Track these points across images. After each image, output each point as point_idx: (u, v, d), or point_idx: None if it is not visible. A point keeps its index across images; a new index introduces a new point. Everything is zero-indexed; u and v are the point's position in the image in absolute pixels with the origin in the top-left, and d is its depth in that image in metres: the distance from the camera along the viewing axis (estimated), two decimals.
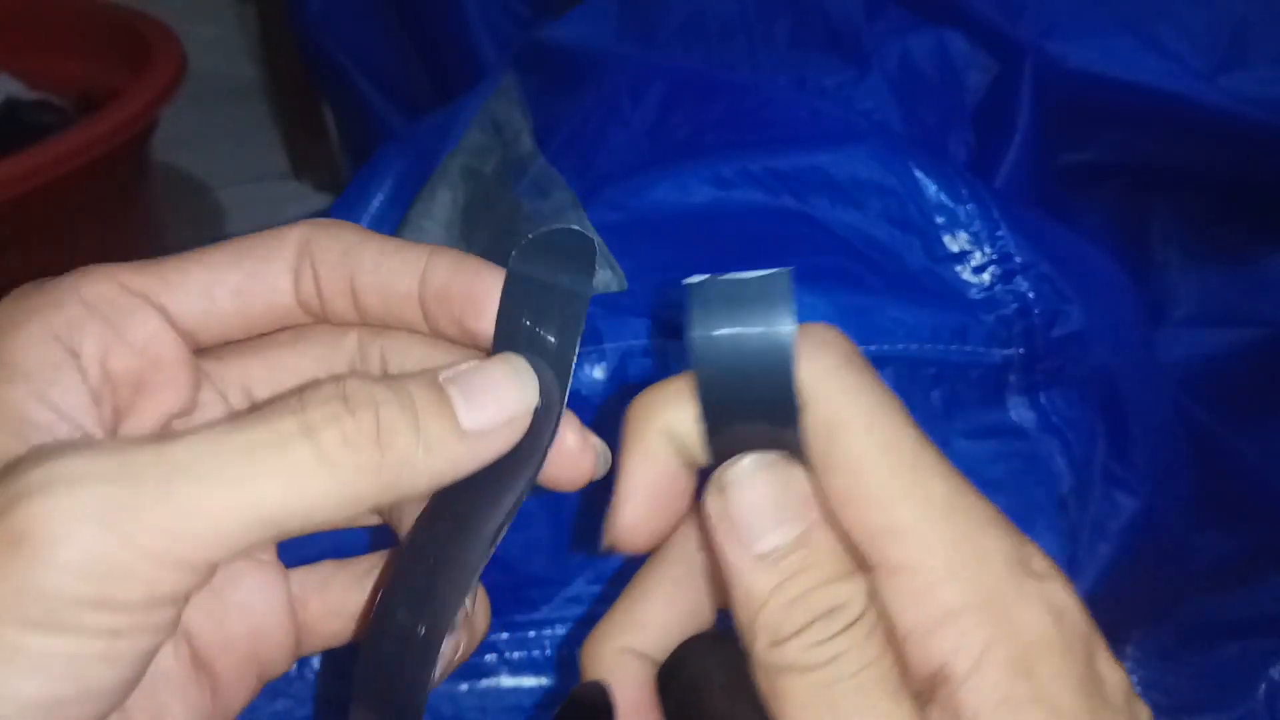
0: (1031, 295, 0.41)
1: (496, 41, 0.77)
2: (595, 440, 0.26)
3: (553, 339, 0.25)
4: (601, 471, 0.26)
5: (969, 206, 0.41)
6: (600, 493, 0.41)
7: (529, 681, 0.40)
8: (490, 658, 0.40)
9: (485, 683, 0.40)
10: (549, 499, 0.40)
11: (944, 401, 0.40)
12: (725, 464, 0.23)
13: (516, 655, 0.40)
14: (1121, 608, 0.48)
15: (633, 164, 0.48)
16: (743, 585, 0.22)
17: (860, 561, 0.22)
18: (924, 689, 0.22)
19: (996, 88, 0.49)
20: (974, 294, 0.41)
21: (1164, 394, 0.48)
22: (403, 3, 0.83)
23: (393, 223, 0.55)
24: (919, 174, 0.42)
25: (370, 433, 0.21)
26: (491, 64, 0.75)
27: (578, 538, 0.40)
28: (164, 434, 0.21)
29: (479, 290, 0.25)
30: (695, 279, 0.22)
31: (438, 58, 0.82)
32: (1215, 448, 0.52)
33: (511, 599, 0.40)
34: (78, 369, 0.23)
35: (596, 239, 0.44)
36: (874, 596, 0.22)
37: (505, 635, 0.40)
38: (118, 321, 0.24)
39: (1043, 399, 0.41)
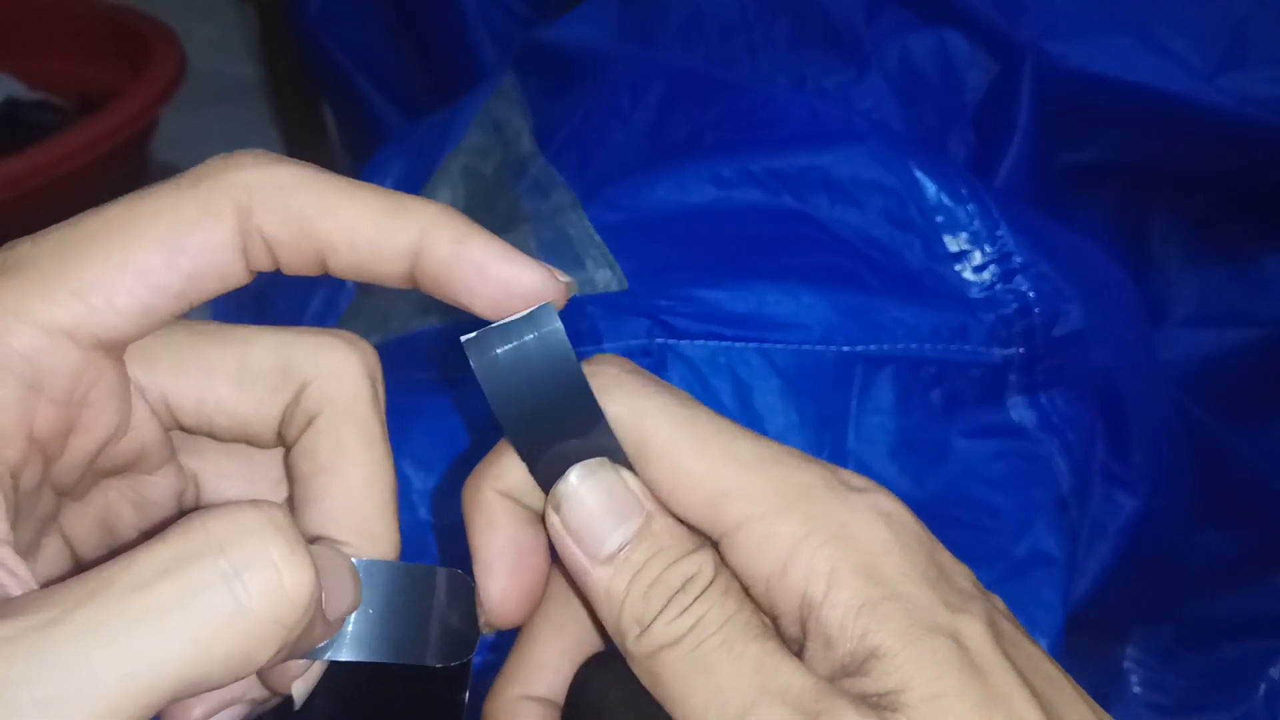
0: (1032, 295, 0.41)
1: (496, 41, 0.77)
2: None
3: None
4: None
5: (969, 206, 0.41)
6: None
7: None
8: (491, 657, 0.40)
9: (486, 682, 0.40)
10: None
11: (944, 401, 0.40)
12: (555, 482, 0.23)
13: None
14: (1121, 608, 0.48)
15: (633, 164, 0.48)
16: (600, 590, 0.23)
17: (702, 540, 0.23)
18: (799, 625, 0.22)
19: (996, 88, 0.49)
20: (974, 293, 0.41)
21: (1164, 394, 0.48)
22: (403, 3, 0.83)
23: None
24: (919, 174, 0.42)
25: (306, 572, 0.18)
26: (491, 64, 0.75)
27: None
28: (32, 597, 0.17)
29: (490, 282, 0.22)
30: (468, 335, 0.22)
31: (438, 58, 0.82)
32: (1215, 448, 0.52)
33: None
34: None
35: (596, 239, 0.44)
36: (721, 564, 0.23)
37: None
38: (40, 380, 0.19)
39: (1043, 398, 0.41)
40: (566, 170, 0.50)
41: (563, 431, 0.23)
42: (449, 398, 0.41)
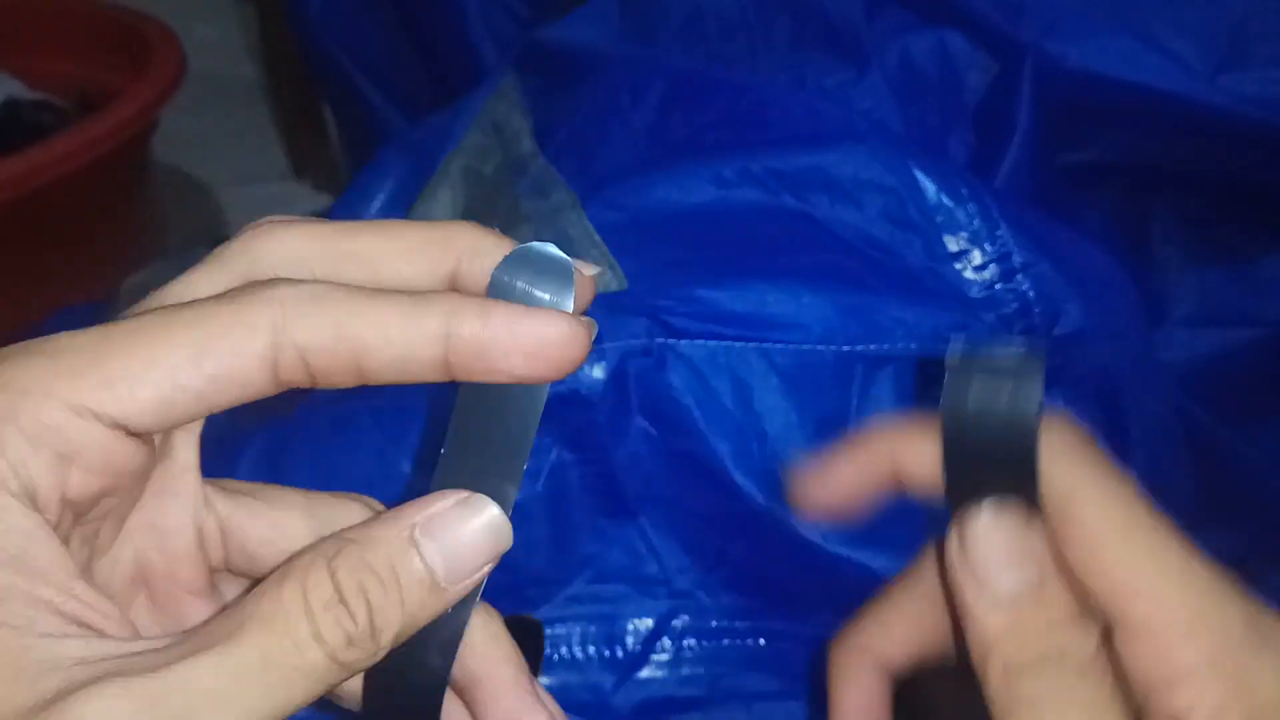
0: (1032, 294, 0.41)
1: (496, 42, 0.77)
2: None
3: (503, 458, 0.24)
4: None
5: (969, 206, 0.41)
6: (598, 493, 0.41)
7: None
8: None
9: None
10: (549, 499, 0.40)
11: None
12: (967, 511, 0.24)
13: None
14: None
15: (633, 164, 0.48)
16: (979, 625, 0.24)
17: (1097, 617, 0.24)
18: None
19: (996, 88, 0.49)
20: (974, 293, 0.41)
21: (1164, 394, 0.48)
22: (403, 3, 0.83)
23: None
24: (919, 174, 0.42)
25: (367, 628, 0.21)
26: (491, 64, 0.75)
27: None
28: (185, 648, 0.20)
29: (523, 343, 0.23)
30: (956, 350, 0.24)
31: (438, 58, 0.82)
32: (1215, 448, 0.52)
33: (511, 599, 0.40)
34: (41, 520, 0.21)
35: (596, 239, 0.44)
36: (1104, 647, 0.23)
37: None
38: (70, 453, 0.21)
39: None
40: (566, 170, 0.50)
41: (993, 474, 0.24)
42: (450, 398, 0.41)
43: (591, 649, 0.40)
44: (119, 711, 0.19)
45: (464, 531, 0.23)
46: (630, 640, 0.41)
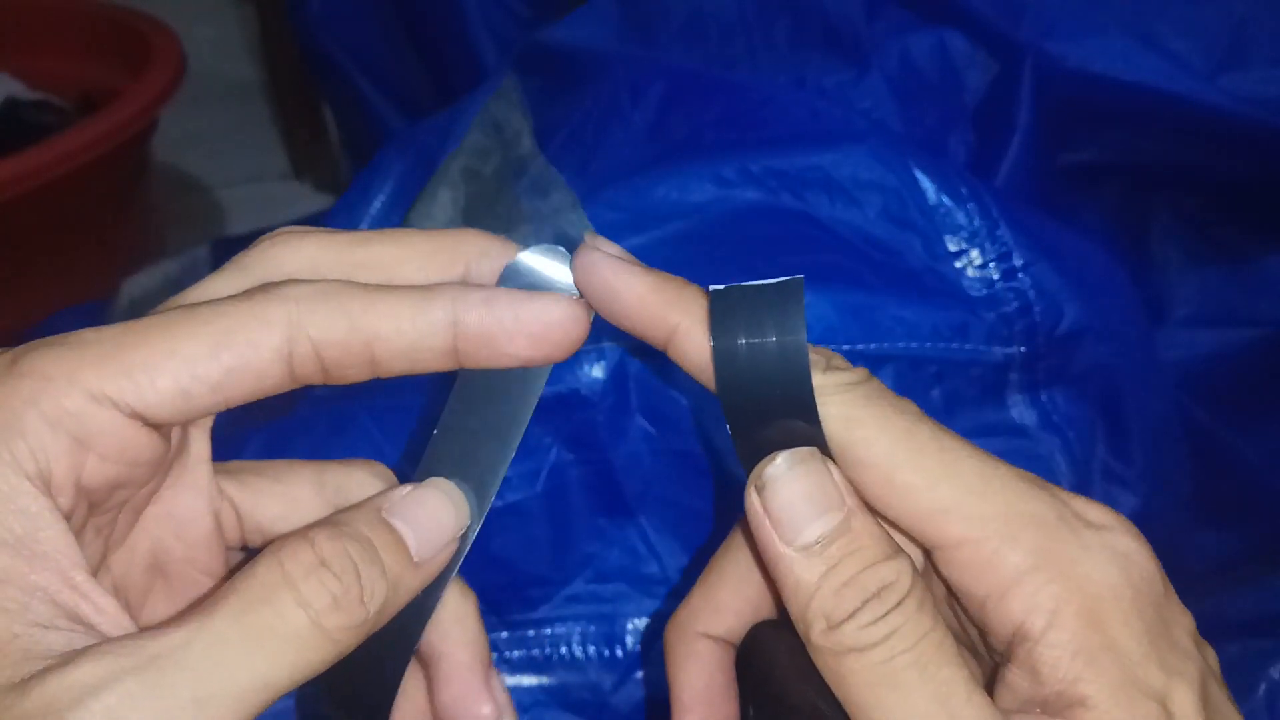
0: (1032, 293, 0.41)
1: (496, 42, 0.77)
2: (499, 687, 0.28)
3: (489, 448, 0.25)
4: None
5: (969, 206, 0.41)
6: (599, 491, 0.41)
7: (528, 680, 0.40)
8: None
9: None
10: (548, 497, 0.40)
11: (945, 400, 0.40)
12: (760, 463, 0.24)
13: (516, 654, 0.40)
14: None
15: (633, 164, 0.48)
16: (791, 577, 0.23)
17: (898, 547, 0.23)
18: (1006, 647, 0.23)
19: (996, 88, 0.49)
20: (974, 292, 0.41)
21: (1164, 393, 0.48)
22: (403, 3, 0.83)
23: (394, 224, 0.55)
24: (919, 174, 0.42)
25: (356, 595, 0.22)
26: (492, 64, 0.75)
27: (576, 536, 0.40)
28: (166, 625, 0.21)
29: (525, 325, 0.24)
30: (716, 287, 0.24)
31: (438, 58, 0.82)
32: (1215, 448, 0.52)
33: (511, 598, 0.40)
34: (52, 505, 0.22)
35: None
36: (917, 574, 0.23)
37: (505, 634, 0.40)
38: (88, 439, 0.22)
39: (1044, 397, 0.41)
40: (566, 170, 0.50)
41: (775, 412, 0.23)
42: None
43: (591, 649, 0.40)
44: (92, 679, 0.20)
45: (425, 509, 0.24)
46: (630, 640, 0.41)
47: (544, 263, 0.25)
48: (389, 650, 0.25)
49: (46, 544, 0.21)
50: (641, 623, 0.41)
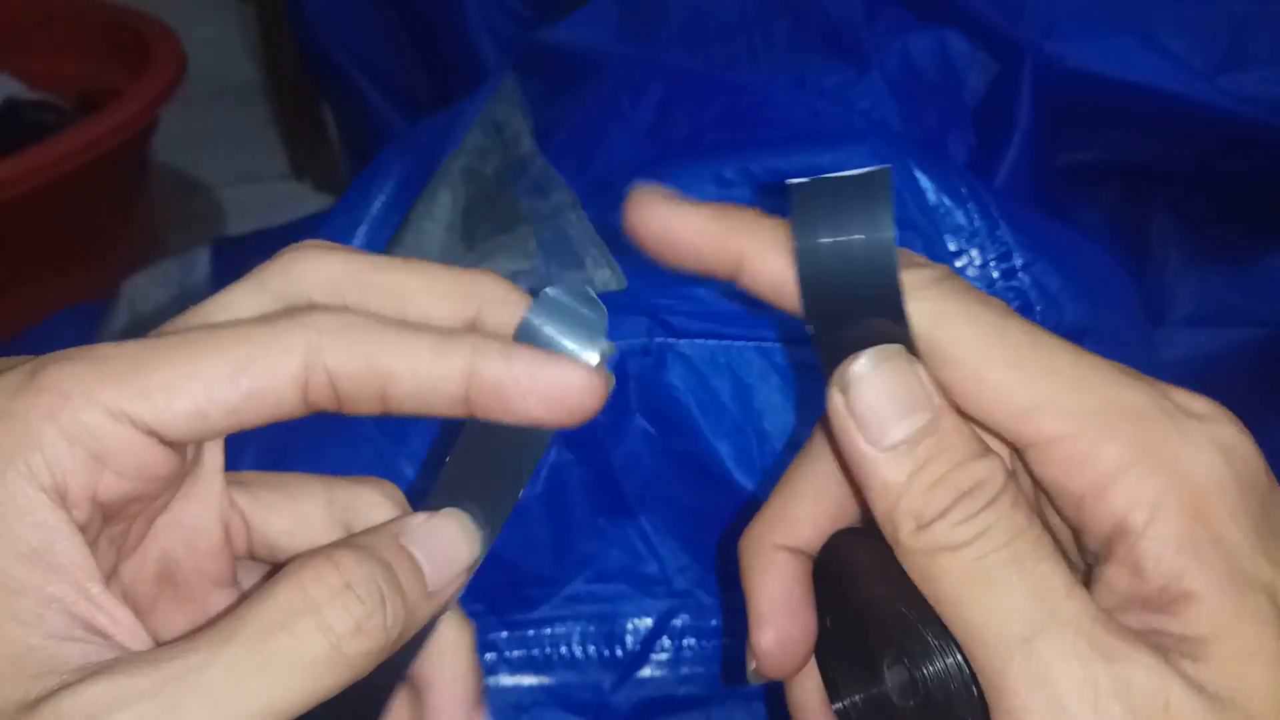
0: (1033, 293, 0.41)
1: (496, 42, 0.77)
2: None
3: (501, 480, 0.25)
4: None
5: (969, 205, 0.41)
6: (599, 492, 0.41)
7: (528, 680, 0.40)
8: (490, 656, 0.40)
9: (485, 681, 0.40)
10: (548, 497, 0.40)
11: None
12: (844, 362, 0.23)
13: (516, 654, 0.40)
14: None
15: (633, 164, 0.48)
16: (878, 478, 0.22)
17: (1006, 444, 0.23)
18: (1105, 546, 0.22)
19: (996, 88, 0.49)
20: None
21: None
22: (403, 3, 0.83)
23: (394, 224, 0.55)
24: (919, 174, 0.42)
25: (379, 621, 0.22)
26: (492, 64, 0.75)
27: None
28: (181, 644, 0.21)
29: (540, 387, 0.23)
30: (797, 180, 0.23)
31: (438, 58, 0.83)
32: None
33: (511, 598, 0.40)
34: (67, 519, 0.22)
35: (596, 238, 0.44)
36: (1010, 474, 0.22)
37: (505, 634, 0.40)
38: (104, 455, 0.22)
39: None
40: (566, 170, 0.50)
41: (860, 310, 0.23)
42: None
43: (591, 648, 0.40)
44: (106, 700, 0.19)
45: (441, 539, 0.24)
46: (630, 640, 0.41)
47: (563, 315, 0.24)
48: (382, 674, 0.25)
49: (62, 556, 0.21)
50: (641, 622, 0.41)
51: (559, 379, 0.23)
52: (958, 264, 0.41)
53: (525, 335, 0.25)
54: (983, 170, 0.47)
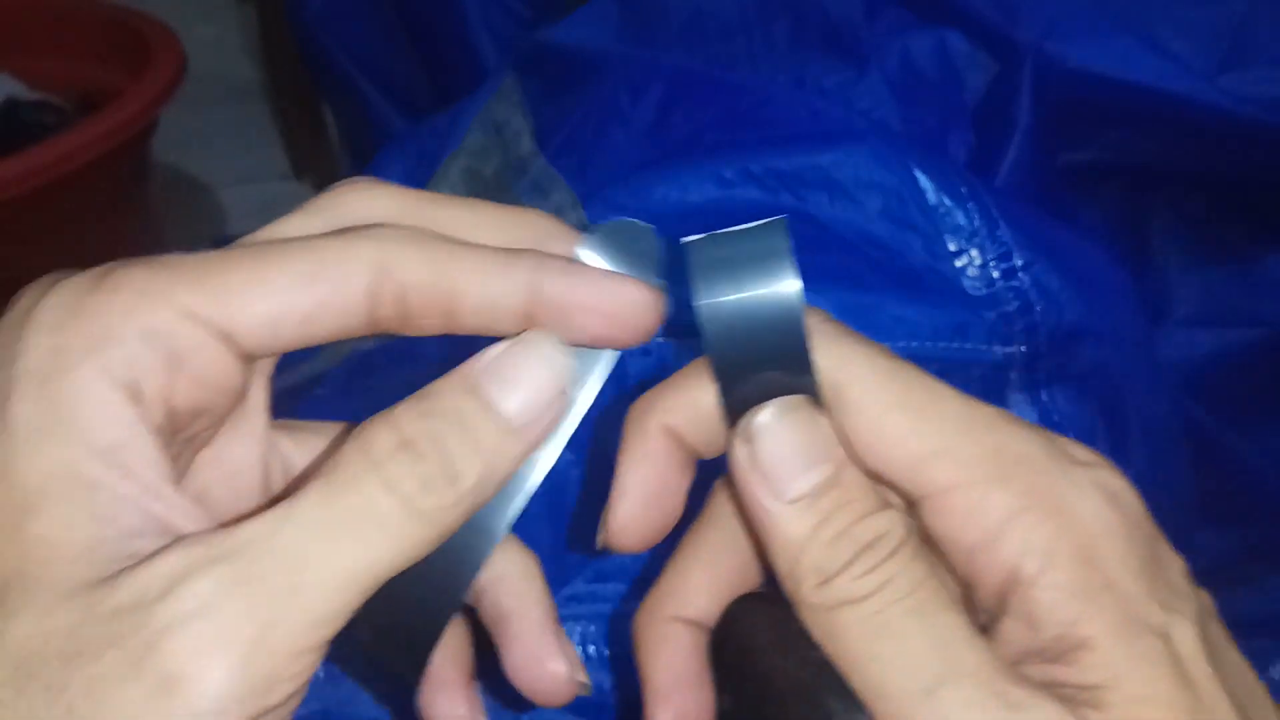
0: (1033, 292, 0.41)
1: (497, 42, 0.77)
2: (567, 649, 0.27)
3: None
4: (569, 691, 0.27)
5: (969, 205, 0.41)
6: (599, 493, 0.41)
7: None
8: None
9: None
10: (548, 497, 0.40)
11: None
12: (748, 413, 0.23)
13: None
14: None
15: (633, 164, 0.48)
16: (780, 532, 0.22)
17: (901, 498, 0.23)
18: (998, 599, 0.22)
19: (996, 88, 0.49)
20: (975, 291, 0.41)
21: (1164, 393, 0.48)
22: (403, 3, 0.83)
23: None
24: (919, 173, 0.42)
25: (443, 473, 0.21)
26: (492, 64, 0.75)
27: (573, 537, 0.40)
28: (247, 519, 0.20)
29: (602, 303, 0.23)
30: (693, 238, 0.23)
31: (438, 58, 0.83)
32: (1215, 448, 0.52)
33: None
34: (141, 417, 0.21)
35: None
36: (910, 526, 0.22)
37: None
38: (180, 357, 0.21)
39: (1044, 396, 0.41)
40: (566, 170, 0.50)
41: (765, 364, 0.23)
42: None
43: (591, 648, 0.40)
44: (181, 568, 0.19)
45: (520, 365, 0.23)
46: (630, 640, 0.41)
47: (616, 245, 0.25)
48: (443, 583, 0.24)
49: (137, 455, 0.21)
50: None
51: (620, 295, 0.23)
52: (958, 264, 0.41)
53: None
54: (983, 170, 0.47)
